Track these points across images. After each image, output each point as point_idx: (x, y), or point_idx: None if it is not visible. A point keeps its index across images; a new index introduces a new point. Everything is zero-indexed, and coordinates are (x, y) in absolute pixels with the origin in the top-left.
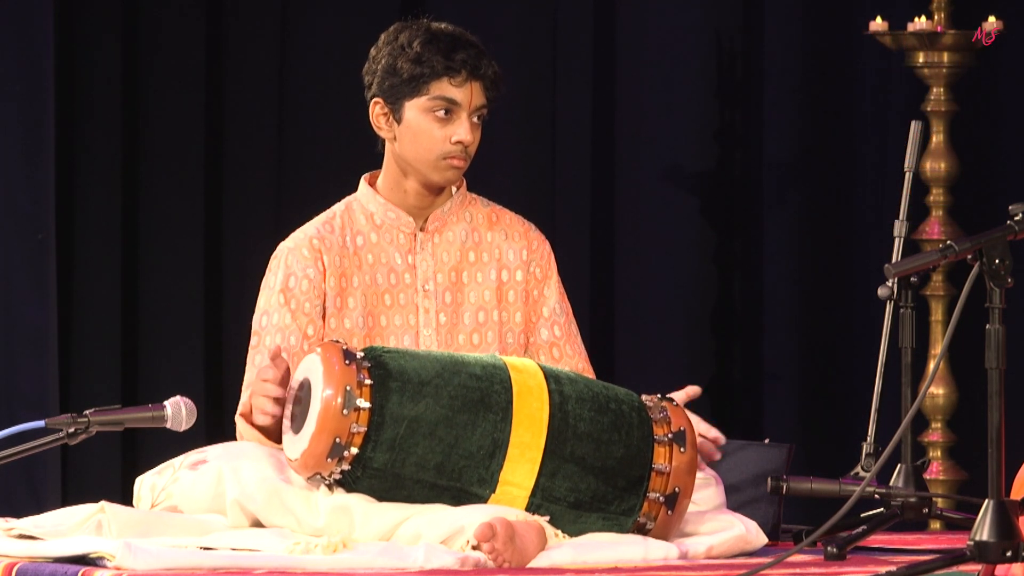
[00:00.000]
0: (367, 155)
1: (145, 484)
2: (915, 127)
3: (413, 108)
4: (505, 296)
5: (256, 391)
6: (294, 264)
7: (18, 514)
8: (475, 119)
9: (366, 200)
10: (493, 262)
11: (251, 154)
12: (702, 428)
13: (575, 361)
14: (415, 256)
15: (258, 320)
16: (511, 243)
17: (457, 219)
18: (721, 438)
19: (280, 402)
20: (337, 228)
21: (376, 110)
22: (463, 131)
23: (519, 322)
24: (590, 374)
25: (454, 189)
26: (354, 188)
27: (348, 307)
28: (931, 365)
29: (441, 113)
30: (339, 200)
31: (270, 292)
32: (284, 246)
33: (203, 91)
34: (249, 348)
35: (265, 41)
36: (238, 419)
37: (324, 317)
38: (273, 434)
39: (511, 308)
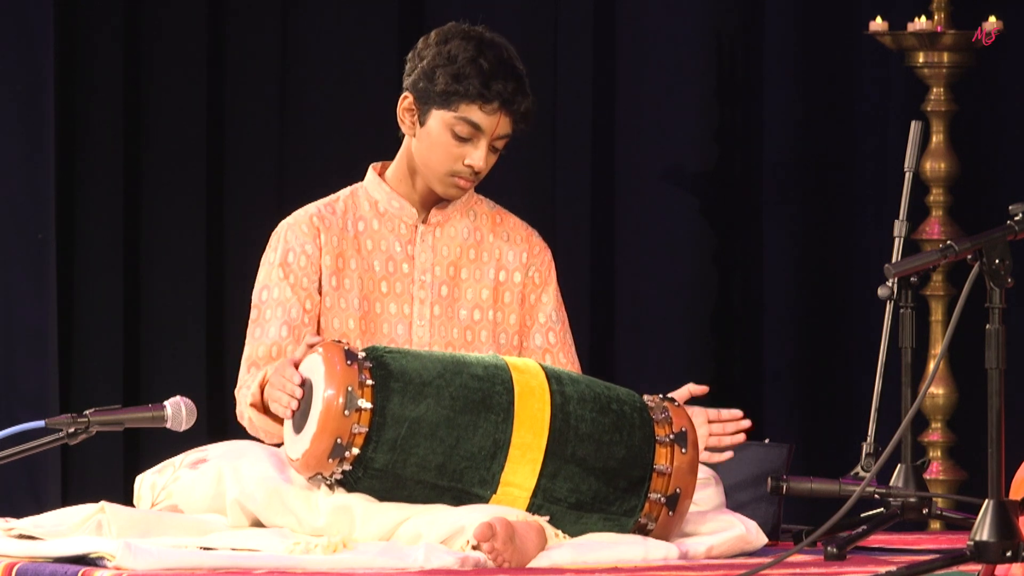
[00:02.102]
0: (369, 148)
1: (145, 483)
2: (915, 127)
3: (438, 119)
4: (501, 297)
5: (275, 384)
6: (293, 240)
7: (18, 514)
8: (495, 146)
9: (372, 188)
10: (492, 262)
11: (253, 153)
12: (712, 414)
13: (567, 369)
14: (414, 247)
15: (258, 294)
16: (512, 245)
17: (461, 216)
18: (739, 412)
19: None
20: (339, 211)
21: (404, 104)
22: (478, 156)
23: (513, 324)
24: None
25: None
26: (356, 181)
27: (344, 288)
28: (931, 365)
29: (463, 133)
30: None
31: (270, 267)
32: (284, 223)
33: (204, 89)
34: (249, 322)
35: (266, 36)
36: (248, 408)
37: (320, 294)
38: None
39: (506, 309)
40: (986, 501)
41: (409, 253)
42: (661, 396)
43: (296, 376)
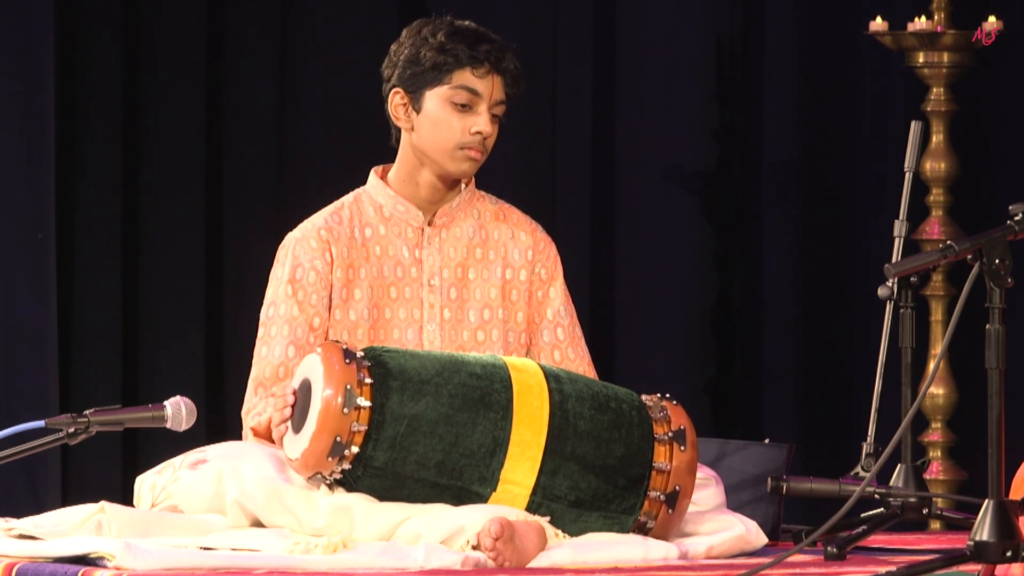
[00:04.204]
0: (369, 149)
1: (145, 483)
2: (915, 127)
3: (434, 97)
4: (509, 295)
5: (276, 422)
6: (302, 255)
7: (18, 514)
8: (493, 113)
9: (375, 192)
10: (499, 260)
11: (251, 153)
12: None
13: (577, 364)
14: (422, 251)
15: (265, 311)
16: (517, 242)
17: (465, 215)
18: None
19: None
20: (345, 219)
21: (395, 100)
22: (483, 122)
23: (520, 322)
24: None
25: (463, 185)
26: (356, 184)
27: (354, 299)
28: (931, 365)
29: (461, 103)
30: (341, 196)
31: (278, 283)
32: (292, 236)
33: (203, 89)
34: (256, 340)
35: (266, 37)
36: (249, 432)
37: (330, 308)
38: None
39: (514, 307)
40: (986, 501)
41: (417, 257)
42: (659, 395)
43: (289, 397)
